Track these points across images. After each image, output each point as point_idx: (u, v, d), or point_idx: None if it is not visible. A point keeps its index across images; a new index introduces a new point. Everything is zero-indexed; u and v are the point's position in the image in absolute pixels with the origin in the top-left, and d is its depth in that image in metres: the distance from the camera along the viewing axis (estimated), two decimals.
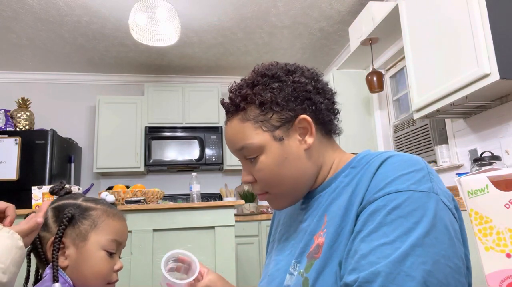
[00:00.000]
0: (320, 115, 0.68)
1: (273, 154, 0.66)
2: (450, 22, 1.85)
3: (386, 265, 0.49)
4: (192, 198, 2.33)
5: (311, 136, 0.67)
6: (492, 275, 0.36)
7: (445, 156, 2.41)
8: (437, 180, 0.57)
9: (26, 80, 4.10)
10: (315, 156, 0.68)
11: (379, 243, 0.51)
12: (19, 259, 0.64)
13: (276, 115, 0.65)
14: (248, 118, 0.66)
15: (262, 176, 0.68)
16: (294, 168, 0.66)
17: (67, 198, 0.83)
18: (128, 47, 3.61)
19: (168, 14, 2.58)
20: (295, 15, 3.14)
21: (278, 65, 0.71)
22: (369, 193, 0.57)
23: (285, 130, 0.66)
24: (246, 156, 0.68)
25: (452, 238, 0.52)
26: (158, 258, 1.77)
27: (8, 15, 2.97)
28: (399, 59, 3.08)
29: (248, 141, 0.66)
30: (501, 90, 1.82)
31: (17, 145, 3.28)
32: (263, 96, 0.65)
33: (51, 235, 0.76)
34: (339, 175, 0.67)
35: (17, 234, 0.65)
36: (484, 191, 0.37)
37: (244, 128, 0.67)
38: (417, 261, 0.49)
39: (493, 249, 0.36)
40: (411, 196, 0.53)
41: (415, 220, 0.51)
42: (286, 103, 0.65)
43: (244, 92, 0.67)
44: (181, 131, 3.93)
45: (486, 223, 0.37)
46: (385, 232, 0.52)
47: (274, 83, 0.67)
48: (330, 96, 0.71)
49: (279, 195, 0.69)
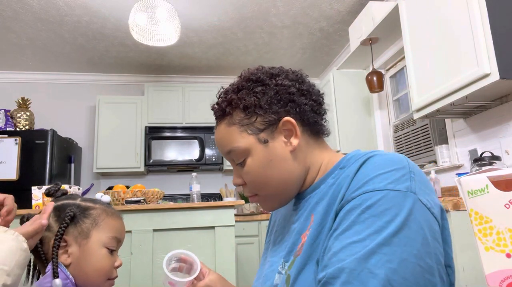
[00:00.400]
0: (305, 117, 0.69)
1: (259, 157, 0.67)
2: (450, 22, 1.85)
3: (351, 262, 0.50)
4: (192, 198, 2.33)
5: (296, 137, 0.68)
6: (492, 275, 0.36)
7: (445, 156, 2.41)
8: (420, 179, 0.57)
9: (26, 80, 4.10)
10: (301, 157, 0.69)
11: (350, 241, 0.52)
12: (23, 262, 0.64)
13: (260, 118, 0.67)
14: (234, 122, 0.68)
15: (249, 178, 0.69)
16: (281, 170, 0.68)
17: (65, 198, 0.84)
18: (128, 47, 3.61)
19: (168, 14, 2.58)
20: (295, 15, 3.14)
21: (263, 69, 0.72)
22: (348, 192, 0.57)
23: (269, 133, 0.67)
24: (234, 159, 0.70)
25: (427, 237, 0.52)
26: (158, 258, 1.77)
27: (8, 15, 2.97)
28: (399, 59, 3.08)
29: (234, 144, 0.68)
30: (501, 90, 1.82)
31: (17, 145, 3.28)
32: (247, 100, 0.67)
33: (53, 234, 0.77)
34: (328, 176, 0.68)
35: (21, 236, 0.65)
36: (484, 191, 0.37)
37: (230, 132, 0.68)
38: (383, 259, 0.49)
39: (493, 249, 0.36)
40: (386, 195, 0.53)
41: (387, 219, 0.52)
42: (269, 106, 0.67)
43: (229, 97, 0.69)
44: (181, 131, 3.93)
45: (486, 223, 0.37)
46: (357, 230, 0.53)
47: (258, 87, 0.68)
48: (316, 98, 0.72)
49: (267, 196, 0.71)
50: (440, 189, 2.34)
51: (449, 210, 1.66)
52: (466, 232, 1.62)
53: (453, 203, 1.66)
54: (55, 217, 0.79)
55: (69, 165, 3.70)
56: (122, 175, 4.03)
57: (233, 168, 0.73)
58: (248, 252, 3.21)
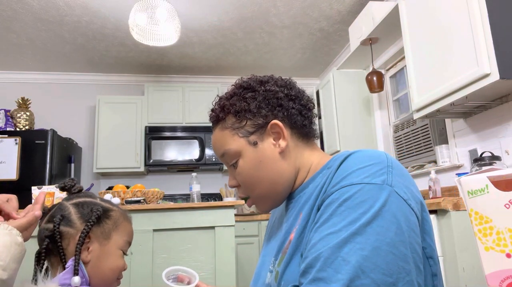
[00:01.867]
0: (293, 120, 0.73)
1: (249, 158, 0.72)
2: (450, 22, 1.85)
3: (326, 250, 0.53)
4: (192, 198, 2.33)
5: (284, 140, 0.72)
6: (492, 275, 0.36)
7: (445, 156, 2.41)
8: (398, 173, 0.59)
9: (26, 80, 4.10)
10: (291, 158, 0.73)
11: (327, 233, 0.55)
12: (18, 256, 0.64)
13: (249, 122, 0.72)
14: (226, 126, 0.73)
15: (241, 179, 0.74)
16: (270, 171, 0.71)
17: (84, 195, 0.85)
18: (128, 47, 3.61)
19: (168, 14, 2.59)
20: (295, 15, 3.14)
21: (254, 77, 0.78)
22: (329, 187, 0.60)
23: (258, 135, 0.72)
24: (228, 161, 0.75)
25: (401, 227, 0.54)
26: (158, 258, 1.77)
27: (8, 15, 2.97)
28: (399, 59, 3.08)
29: (226, 147, 0.73)
30: (501, 90, 1.82)
31: (17, 145, 3.28)
32: (238, 106, 0.72)
33: (76, 230, 0.77)
34: (316, 176, 0.71)
35: (15, 229, 0.65)
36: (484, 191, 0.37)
37: (223, 135, 0.74)
38: (355, 247, 0.52)
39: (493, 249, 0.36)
40: (363, 188, 0.56)
41: (362, 211, 0.54)
42: (257, 110, 0.71)
43: (222, 103, 0.75)
44: (181, 131, 3.93)
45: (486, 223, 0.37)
46: (334, 222, 0.55)
47: (248, 93, 0.73)
48: (305, 103, 0.76)
49: (259, 197, 0.74)
50: (440, 189, 2.34)
51: (449, 210, 1.66)
52: (466, 232, 1.62)
53: (453, 203, 1.66)
54: (78, 214, 0.79)
55: (69, 165, 3.70)
56: (122, 175, 4.03)
57: (229, 171, 0.77)
58: (248, 252, 3.22)
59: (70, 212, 0.79)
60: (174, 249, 1.79)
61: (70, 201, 0.83)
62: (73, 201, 0.82)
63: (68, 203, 0.82)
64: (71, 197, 0.84)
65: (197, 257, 1.80)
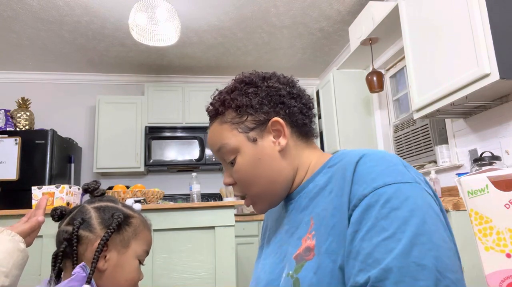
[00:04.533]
0: (294, 118, 0.71)
1: (248, 155, 0.70)
2: (450, 22, 1.85)
3: (394, 259, 0.49)
4: (192, 198, 2.33)
5: (284, 138, 0.70)
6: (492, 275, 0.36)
7: (445, 156, 2.41)
8: (413, 170, 0.60)
9: (26, 80, 4.10)
10: (290, 157, 0.71)
11: (380, 239, 0.51)
12: (21, 262, 0.64)
13: (250, 117, 0.70)
14: (225, 121, 0.72)
15: (238, 177, 0.71)
16: (269, 169, 0.70)
17: (106, 200, 0.82)
18: (128, 47, 3.61)
19: (168, 14, 2.58)
20: (295, 15, 3.14)
21: (256, 73, 0.76)
22: (356, 191, 0.57)
23: (258, 132, 0.70)
24: (224, 157, 0.73)
25: (443, 222, 0.54)
26: (158, 258, 1.77)
27: (8, 15, 2.97)
28: (399, 59, 3.08)
29: (224, 141, 0.71)
30: (501, 90, 1.82)
31: (17, 145, 3.28)
32: (239, 100, 0.70)
33: (95, 236, 0.75)
34: (316, 176, 0.69)
35: (18, 236, 0.65)
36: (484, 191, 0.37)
37: (221, 130, 0.72)
38: (424, 248, 0.49)
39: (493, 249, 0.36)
40: (400, 188, 0.54)
41: (409, 209, 0.52)
42: (259, 106, 0.70)
43: (222, 97, 0.74)
44: (181, 131, 3.93)
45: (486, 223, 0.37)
46: (383, 227, 0.52)
47: (250, 89, 0.72)
48: (306, 101, 0.74)
49: (256, 196, 0.72)
50: (440, 189, 2.34)
51: (449, 210, 1.66)
52: (466, 232, 1.62)
53: (453, 203, 1.66)
54: (99, 218, 0.77)
55: (69, 165, 3.70)
56: (122, 175, 4.03)
57: (224, 168, 0.76)
58: (248, 252, 3.22)
59: (91, 216, 0.77)
60: (174, 249, 1.79)
61: (92, 204, 0.80)
62: (95, 205, 0.80)
63: (90, 207, 0.79)
64: (93, 200, 0.82)
65: (197, 257, 1.80)
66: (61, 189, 1.83)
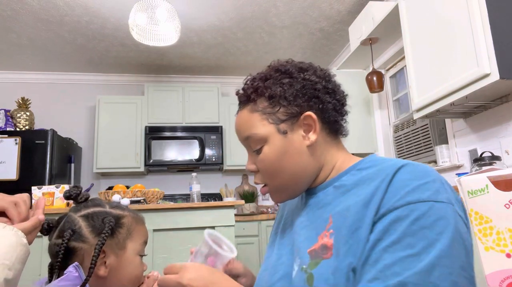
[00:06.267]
0: (326, 114, 0.69)
1: (276, 146, 0.68)
2: (450, 22, 1.85)
3: (413, 276, 0.49)
4: (192, 198, 2.33)
5: (314, 133, 0.68)
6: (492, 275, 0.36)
7: (445, 156, 2.41)
8: (449, 188, 0.58)
9: (26, 80, 4.10)
10: (317, 153, 0.70)
11: (404, 254, 0.51)
12: (23, 256, 0.65)
13: (283, 109, 0.68)
14: (256, 109, 0.69)
15: (263, 166, 0.70)
16: (295, 162, 0.68)
17: (92, 205, 0.80)
18: (128, 47, 3.61)
19: (168, 14, 2.58)
20: (295, 15, 3.14)
21: (292, 62, 0.74)
22: (388, 201, 0.56)
23: (289, 125, 0.68)
24: (251, 146, 0.71)
25: (467, 249, 0.53)
26: (158, 258, 1.77)
27: (8, 15, 2.97)
28: (399, 59, 3.08)
29: (253, 131, 0.69)
30: (501, 90, 1.82)
31: (17, 145, 3.28)
32: (273, 90, 0.68)
33: (89, 245, 0.73)
34: (342, 175, 0.68)
35: (20, 231, 0.66)
36: (484, 191, 0.37)
37: (252, 118, 0.70)
38: (445, 271, 0.49)
39: (493, 249, 0.36)
40: (432, 207, 0.54)
41: (438, 231, 0.52)
42: (293, 98, 0.68)
43: (256, 85, 0.70)
44: (181, 131, 3.93)
45: (486, 223, 0.37)
46: (409, 243, 0.52)
47: (285, 79, 0.69)
48: (340, 98, 0.72)
49: (277, 187, 0.71)
50: None
51: None
52: None
53: None
54: (89, 227, 0.74)
55: (69, 165, 3.70)
56: (122, 175, 4.03)
57: (248, 155, 0.74)
58: (248, 252, 3.21)
59: (80, 226, 0.75)
60: (174, 249, 1.79)
61: (78, 213, 0.77)
62: (82, 213, 0.77)
63: (77, 216, 0.76)
64: (78, 207, 0.79)
65: None
66: (61, 189, 1.83)
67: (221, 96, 4.14)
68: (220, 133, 3.95)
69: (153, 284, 0.82)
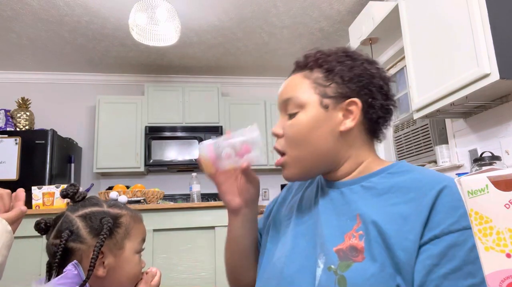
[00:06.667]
0: (371, 110, 0.67)
1: (311, 116, 0.67)
2: (450, 22, 1.85)
3: None
4: (192, 198, 2.33)
5: (353, 121, 0.67)
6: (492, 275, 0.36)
7: (445, 156, 2.41)
8: None
9: (26, 80, 4.10)
10: (347, 143, 0.68)
11: (466, 284, 0.51)
12: (9, 243, 0.67)
13: (334, 85, 0.67)
14: (310, 77, 0.69)
15: (291, 132, 0.69)
16: (322, 140, 0.67)
17: (90, 204, 0.78)
18: (128, 47, 3.61)
19: (168, 14, 2.58)
20: (295, 15, 3.14)
21: (360, 51, 0.73)
22: (440, 222, 0.55)
23: (333, 103, 0.67)
24: (288, 109, 0.70)
25: None
26: (158, 258, 1.77)
27: (8, 15, 2.97)
28: (399, 59, 3.08)
29: (297, 93, 0.68)
30: (501, 90, 1.82)
31: (17, 145, 3.28)
32: (333, 65, 0.68)
33: (87, 246, 0.72)
34: (372, 176, 0.66)
35: (4, 220, 0.67)
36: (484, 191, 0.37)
37: (301, 82, 0.69)
38: None
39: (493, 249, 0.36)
40: None
41: None
42: (348, 80, 0.67)
43: (318, 55, 0.70)
44: (181, 131, 3.93)
45: (486, 223, 0.37)
46: (470, 272, 0.51)
47: (348, 61, 0.68)
48: (389, 103, 0.70)
49: (294, 158, 0.69)
50: None
51: None
52: None
53: None
54: (87, 228, 0.73)
55: (69, 165, 3.70)
56: (122, 175, 4.03)
57: (280, 119, 0.73)
58: None
59: (78, 226, 0.74)
60: (174, 249, 1.79)
61: (75, 212, 0.76)
62: (79, 213, 0.76)
63: (75, 216, 0.75)
64: (75, 207, 0.78)
65: (197, 257, 1.80)
66: (61, 189, 1.83)
67: (221, 96, 4.14)
68: (220, 133, 3.95)
69: (151, 280, 0.81)
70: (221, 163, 0.74)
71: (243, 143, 0.71)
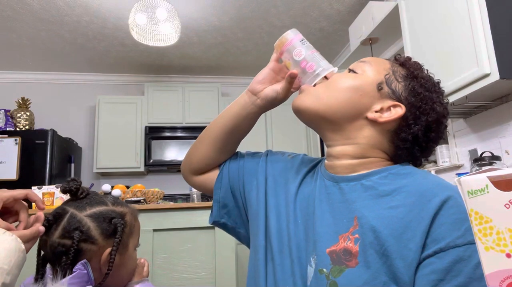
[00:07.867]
0: (406, 128, 0.66)
1: (362, 83, 0.68)
2: (450, 22, 1.85)
3: None
4: (192, 198, 2.33)
5: (381, 118, 0.66)
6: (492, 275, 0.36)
7: (445, 156, 2.41)
8: None
9: (26, 80, 4.10)
10: (365, 130, 0.67)
11: None
12: (21, 262, 0.65)
13: (401, 85, 0.68)
14: (393, 65, 0.71)
15: (336, 77, 0.70)
16: (347, 104, 0.67)
17: (95, 203, 0.77)
18: (128, 47, 3.61)
19: (168, 14, 2.58)
20: (295, 15, 3.14)
21: (433, 78, 0.74)
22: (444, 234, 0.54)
23: (386, 93, 0.67)
24: (356, 67, 0.71)
25: None
26: (158, 258, 1.77)
27: (8, 15, 2.97)
28: None
29: (373, 65, 0.70)
30: (501, 90, 1.82)
31: (17, 145, 3.28)
32: (415, 74, 0.69)
33: (98, 247, 0.72)
34: (374, 175, 0.65)
35: (19, 238, 0.66)
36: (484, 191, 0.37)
37: (384, 62, 0.72)
38: None
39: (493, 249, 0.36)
40: None
41: None
42: (411, 90, 0.67)
43: (407, 59, 0.74)
44: (181, 131, 3.93)
45: (486, 223, 0.37)
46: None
47: (428, 85, 0.69)
48: (428, 142, 0.68)
49: (315, 94, 0.70)
50: None
51: None
52: None
53: None
54: (98, 229, 0.72)
55: (69, 165, 3.70)
56: (122, 175, 4.03)
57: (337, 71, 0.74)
58: (248, 252, 3.21)
59: (89, 227, 0.72)
60: (174, 249, 1.79)
61: (83, 211, 0.74)
62: (88, 213, 0.74)
63: (83, 215, 0.73)
64: (81, 205, 0.75)
65: (197, 257, 1.80)
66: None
67: (221, 96, 4.14)
68: None
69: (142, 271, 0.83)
70: (290, 54, 0.78)
71: (319, 66, 0.72)
